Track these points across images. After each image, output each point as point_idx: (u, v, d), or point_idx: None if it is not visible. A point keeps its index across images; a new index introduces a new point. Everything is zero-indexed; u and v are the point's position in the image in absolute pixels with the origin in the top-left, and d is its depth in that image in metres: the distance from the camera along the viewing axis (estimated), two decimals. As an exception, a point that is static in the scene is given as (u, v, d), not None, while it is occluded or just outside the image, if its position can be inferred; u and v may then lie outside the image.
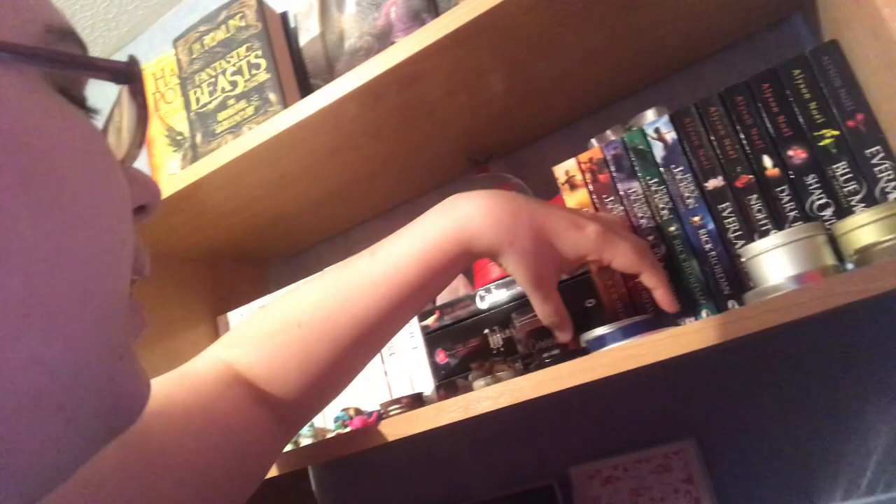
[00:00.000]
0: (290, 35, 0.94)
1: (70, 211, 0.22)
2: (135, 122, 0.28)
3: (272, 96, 0.87)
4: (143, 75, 0.29)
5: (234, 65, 0.91)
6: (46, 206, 0.21)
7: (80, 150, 0.23)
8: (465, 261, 0.57)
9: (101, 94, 0.36)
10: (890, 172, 0.60)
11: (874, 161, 0.61)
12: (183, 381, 0.53)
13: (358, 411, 0.84)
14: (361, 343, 0.58)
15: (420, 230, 0.57)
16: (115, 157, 0.26)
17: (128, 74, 0.26)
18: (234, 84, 0.91)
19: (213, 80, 0.93)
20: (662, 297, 0.59)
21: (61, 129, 0.23)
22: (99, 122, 0.27)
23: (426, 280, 0.56)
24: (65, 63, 0.24)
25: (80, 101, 0.25)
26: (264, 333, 0.59)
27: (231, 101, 0.90)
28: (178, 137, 1.02)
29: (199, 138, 0.92)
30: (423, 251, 0.56)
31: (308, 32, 0.93)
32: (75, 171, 0.23)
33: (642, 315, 0.66)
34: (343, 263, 0.60)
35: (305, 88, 0.89)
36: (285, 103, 0.85)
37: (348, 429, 0.79)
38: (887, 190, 0.60)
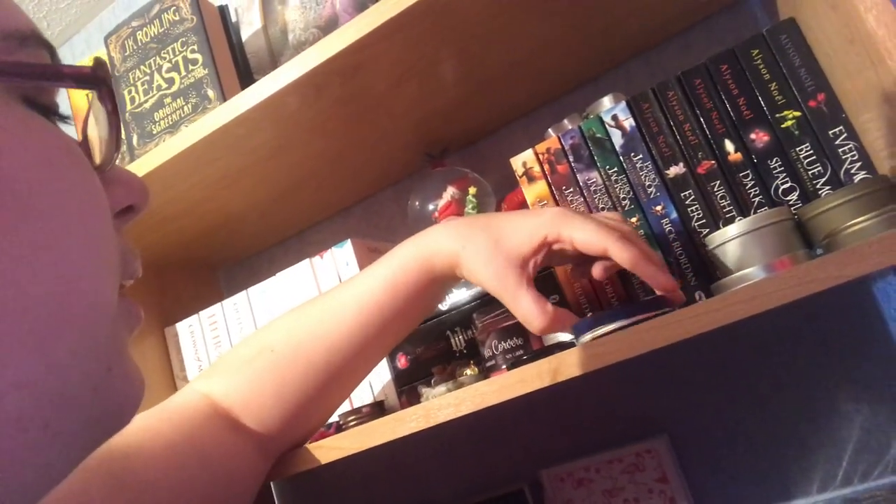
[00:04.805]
0: (229, 29, 0.89)
1: (39, 230, 0.21)
2: (106, 126, 0.26)
3: (211, 93, 0.81)
4: (111, 80, 0.27)
5: (169, 61, 0.85)
6: (12, 227, 0.20)
7: (47, 165, 0.22)
8: (432, 282, 0.58)
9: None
10: (854, 153, 0.58)
11: (838, 142, 0.59)
12: (163, 415, 0.54)
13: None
14: (337, 369, 0.59)
15: (389, 256, 0.59)
16: (90, 164, 0.26)
17: (94, 80, 0.25)
18: (170, 81, 0.85)
19: (148, 77, 0.87)
20: (646, 272, 0.51)
21: (25, 145, 0.22)
22: (74, 126, 0.24)
23: (396, 303, 0.58)
24: (25, 75, 0.23)
25: (48, 110, 0.24)
26: (240, 361, 0.60)
27: (168, 100, 0.85)
28: (114, 140, 0.96)
29: (135, 140, 0.87)
30: (389, 273, 0.58)
31: (250, 26, 0.88)
32: (41, 188, 0.22)
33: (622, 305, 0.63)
34: (321, 293, 0.62)
35: (249, 85, 0.84)
36: (225, 100, 0.80)
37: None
38: (852, 171, 0.58)
